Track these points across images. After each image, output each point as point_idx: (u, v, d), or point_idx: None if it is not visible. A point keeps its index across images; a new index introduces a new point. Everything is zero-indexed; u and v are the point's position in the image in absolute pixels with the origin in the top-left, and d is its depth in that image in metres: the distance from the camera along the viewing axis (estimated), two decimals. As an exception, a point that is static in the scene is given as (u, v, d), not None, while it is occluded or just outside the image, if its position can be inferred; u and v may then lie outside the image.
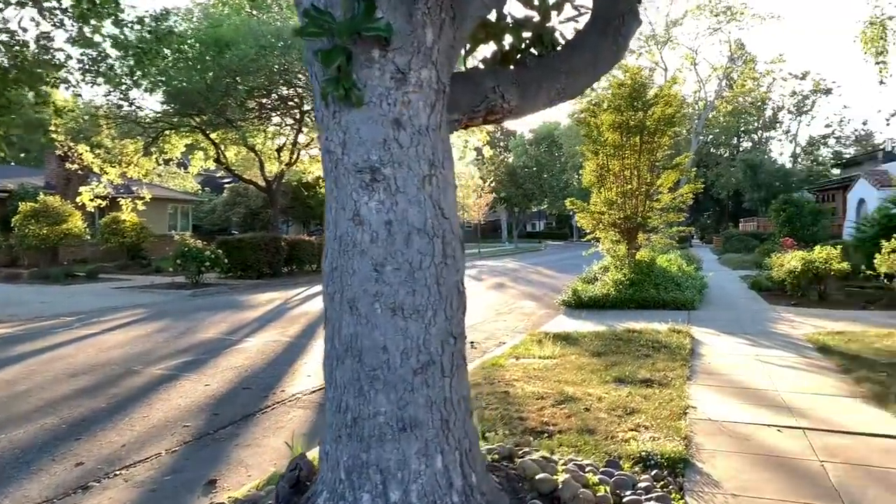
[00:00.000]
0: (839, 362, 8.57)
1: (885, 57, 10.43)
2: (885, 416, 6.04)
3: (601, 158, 17.26)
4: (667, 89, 17.12)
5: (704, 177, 64.32)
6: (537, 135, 74.17)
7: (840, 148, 72.15)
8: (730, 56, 56.57)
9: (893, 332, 10.65)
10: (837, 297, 16.21)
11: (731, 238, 40.95)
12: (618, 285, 15.77)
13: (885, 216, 19.40)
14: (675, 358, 8.77)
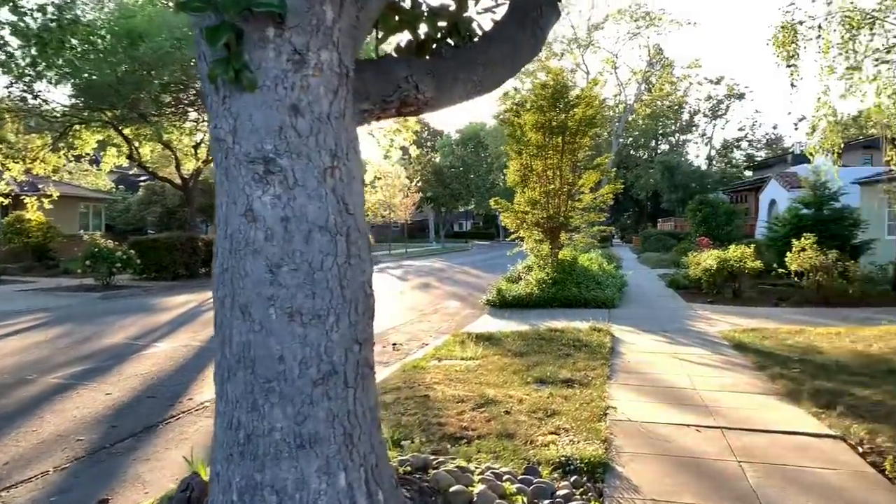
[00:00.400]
0: (754, 359, 8.72)
1: (796, 60, 10.74)
2: (798, 413, 6.11)
3: (524, 158, 17.27)
4: (588, 91, 17.28)
5: (624, 178, 65.86)
6: (464, 135, 74.40)
7: (752, 151, 75.24)
8: (649, 61, 58.10)
9: (804, 329, 10.97)
10: (751, 294, 16.72)
11: (649, 237, 42.04)
12: (541, 284, 15.80)
13: (795, 216, 20.17)
14: (596, 357, 8.74)
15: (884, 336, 9.88)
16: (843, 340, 9.73)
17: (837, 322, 12.06)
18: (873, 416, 5.83)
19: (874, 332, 10.18)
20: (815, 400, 6.44)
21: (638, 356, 9.14)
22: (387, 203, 48.48)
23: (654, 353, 9.45)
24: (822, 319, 12.46)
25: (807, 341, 9.85)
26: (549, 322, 12.49)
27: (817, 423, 5.75)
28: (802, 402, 6.42)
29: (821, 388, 6.86)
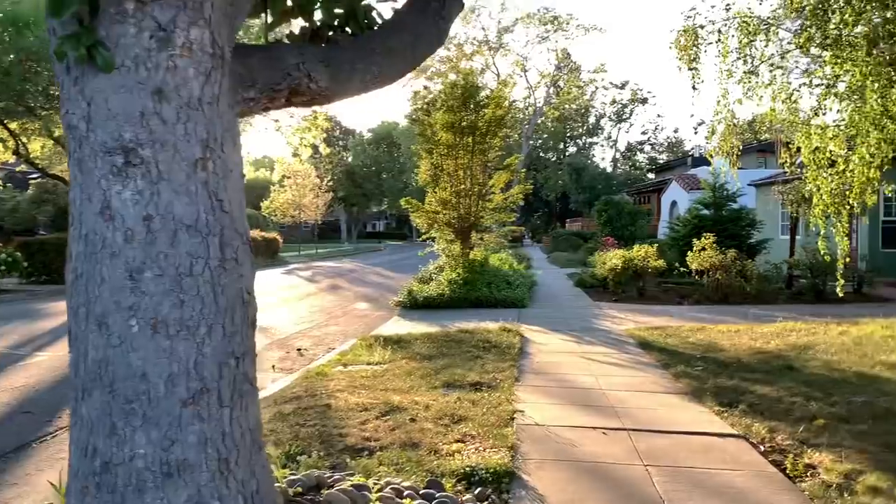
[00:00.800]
0: (658, 357, 8.83)
1: (697, 64, 10.98)
2: (702, 412, 6.14)
3: (435, 158, 17.12)
4: (497, 92, 17.29)
5: (535, 179, 67.07)
6: (376, 134, 73.87)
7: (655, 154, 78.15)
8: (557, 65, 59.25)
9: (705, 327, 11.25)
10: (655, 292, 17.14)
11: (558, 238, 42.83)
12: (452, 285, 15.67)
13: (695, 216, 20.87)
14: (505, 358, 8.63)
15: (780, 333, 10.23)
16: (741, 338, 10.01)
17: (736, 319, 12.44)
18: (773, 414, 5.92)
19: (771, 329, 10.54)
20: (717, 398, 6.51)
21: (546, 356, 9.10)
22: (296, 203, 47.36)
23: (562, 352, 9.44)
24: (722, 317, 12.85)
25: (708, 339, 10.08)
26: (459, 323, 12.35)
27: (721, 422, 5.79)
28: (706, 401, 6.47)
29: (723, 386, 6.96)
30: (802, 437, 5.21)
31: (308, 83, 3.78)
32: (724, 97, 11.39)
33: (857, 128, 9.45)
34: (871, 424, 5.47)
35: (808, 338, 9.64)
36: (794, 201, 16.41)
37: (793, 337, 9.82)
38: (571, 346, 9.99)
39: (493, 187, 17.58)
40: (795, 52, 10.64)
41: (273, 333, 12.53)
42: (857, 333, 9.61)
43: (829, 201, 10.50)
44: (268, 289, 21.52)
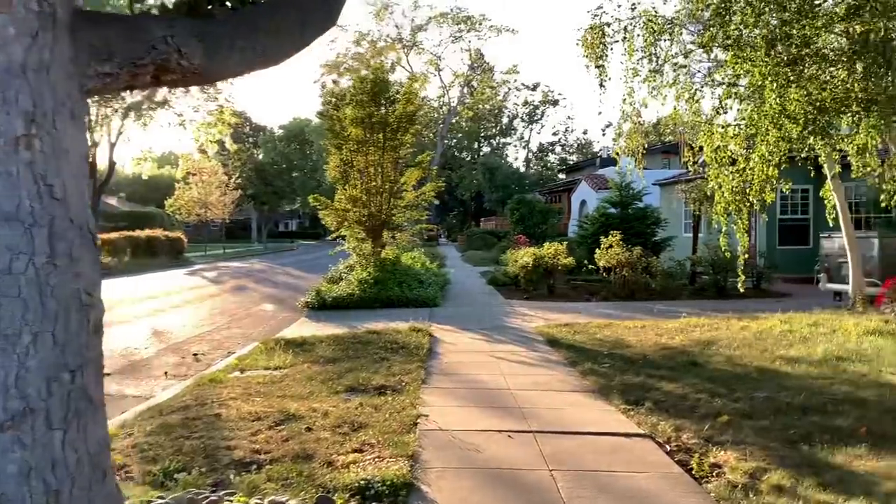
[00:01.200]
0: (567, 355, 8.74)
1: (604, 62, 11.03)
2: (609, 411, 6.03)
3: (345, 154, 16.66)
4: (408, 87, 17.00)
5: (450, 179, 67.24)
6: (288, 131, 72.14)
7: (565, 154, 79.69)
8: (470, 65, 59.47)
9: (612, 323, 11.31)
10: (564, 290, 17.27)
11: (473, 236, 42.99)
12: (362, 284, 15.27)
13: (602, 215, 21.21)
14: (413, 359, 8.34)
15: (684, 328, 10.37)
16: (647, 333, 10.08)
17: (642, 315, 12.60)
18: (678, 411, 5.87)
19: (675, 325, 10.68)
20: (624, 396, 6.42)
21: (456, 356, 8.87)
22: (202, 201, 45.60)
23: (471, 352, 9.23)
24: (629, 313, 12.99)
25: (615, 335, 10.10)
26: (369, 323, 12.00)
27: (627, 421, 5.68)
28: (612, 399, 6.38)
29: (629, 384, 6.90)
30: (707, 435, 5.15)
31: (178, 59, 3.36)
32: (629, 95, 11.51)
33: (756, 127, 9.67)
34: (773, 419, 5.47)
35: (711, 333, 9.79)
36: (696, 199, 16.87)
37: (696, 332, 9.96)
38: (481, 345, 9.81)
39: (405, 184, 17.29)
40: (698, 51, 10.83)
41: (168, 338, 11.81)
42: (757, 328, 9.84)
43: (731, 199, 10.74)
44: (167, 290, 20.50)
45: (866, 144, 9.16)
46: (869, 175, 9.87)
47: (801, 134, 9.21)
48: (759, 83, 9.78)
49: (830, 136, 9.21)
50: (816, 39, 9.79)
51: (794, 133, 9.15)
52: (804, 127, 9.00)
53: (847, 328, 9.24)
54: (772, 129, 9.27)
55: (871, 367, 7.05)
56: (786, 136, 9.20)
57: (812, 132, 9.09)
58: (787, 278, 17.90)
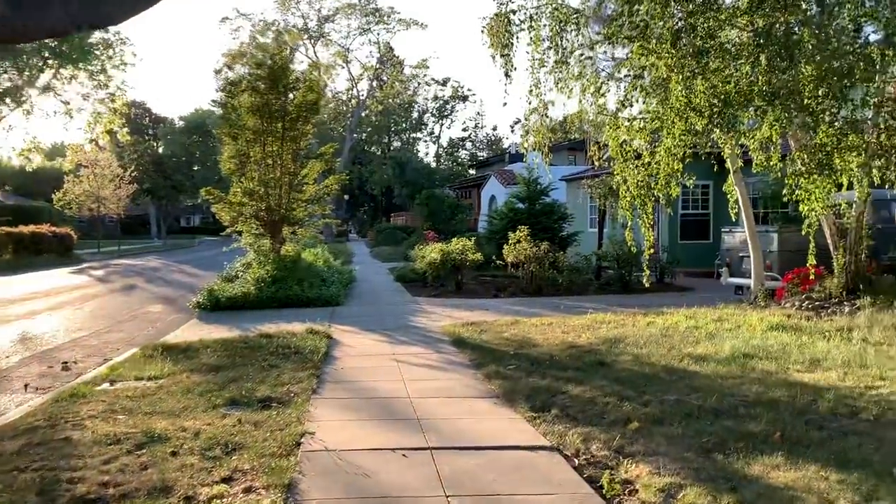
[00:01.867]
0: (472, 356, 8.29)
1: (510, 50, 10.64)
2: (514, 420, 5.58)
3: (241, 144, 15.67)
4: (309, 74, 16.17)
5: (360, 173, 66.17)
6: (189, 123, 69.06)
7: (475, 150, 79.91)
8: (379, 58, 58.63)
9: (519, 320, 10.96)
10: (473, 286, 16.90)
11: (382, 232, 42.27)
12: (259, 283, 14.39)
13: (510, 210, 21.02)
14: (306, 366, 7.67)
15: (591, 325, 10.12)
16: (554, 331, 9.76)
17: (549, 311, 12.34)
18: (587, 418, 5.48)
19: (582, 322, 10.42)
20: (530, 401, 6.00)
21: (354, 361, 8.26)
22: (94, 195, 42.85)
23: (372, 355, 8.64)
24: (536, 309, 12.72)
25: (522, 333, 9.74)
26: (264, 325, 11.24)
27: (532, 430, 5.24)
28: (518, 405, 5.94)
29: (536, 387, 6.48)
30: (618, 446, 4.76)
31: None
32: (535, 87, 11.16)
33: (662, 120, 9.50)
34: (685, 425, 5.16)
35: (618, 330, 9.57)
36: (602, 194, 16.84)
37: (603, 329, 9.72)
38: (383, 347, 9.23)
39: (307, 177, 16.47)
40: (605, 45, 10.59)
41: (38, 344, 10.65)
42: (664, 324, 9.68)
43: (636, 193, 10.57)
44: (47, 291, 18.88)
45: (770, 138, 9.14)
46: (771, 169, 9.91)
47: (705, 127, 9.10)
48: (664, 76, 9.63)
49: (735, 130, 9.14)
50: (721, 32, 9.71)
51: (700, 126, 9.02)
52: (709, 120, 8.87)
53: (751, 323, 9.20)
54: (678, 122, 9.11)
55: (778, 365, 6.91)
56: (691, 128, 9.06)
57: (717, 125, 8.98)
58: (688, 272, 18.18)
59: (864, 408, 5.38)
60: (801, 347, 7.62)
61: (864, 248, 10.35)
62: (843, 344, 7.72)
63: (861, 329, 8.39)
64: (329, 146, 17.15)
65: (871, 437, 4.75)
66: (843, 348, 7.45)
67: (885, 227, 11.48)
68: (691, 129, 9.06)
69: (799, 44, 8.62)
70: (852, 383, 6.13)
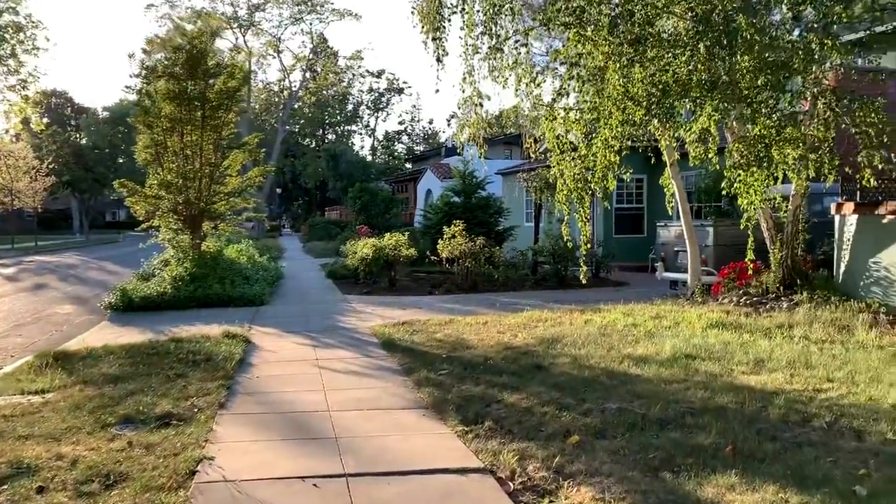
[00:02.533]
0: (402, 360, 7.71)
1: (442, 34, 10.08)
2: (443, 435, 5.04)
3: (157, 133, 14.66)
4: (231, 60, 15.25)
5: (293, 166, 64.63)
6: (113, 113, 65.96)
7: (412, 144, 79.22)
8: (313, 48, 57.27)
9: (453, 319, 10.44)
10: (407, 282, 16.32)
11: (315, 226, 41.15)
12: (177, 282, 13.46)
13: (446, 204, 20.49)
14: (217, 375, 6.96)
15: (527, 323, 9.67)
16: (490, 331, 9.28)
17: (485, 309, 11.89)
18: (523, 431, 4.98)
19: (518, 320, 9.96)
20: (461, 412, 5.47)
21: (272, 369, 7.57)
22: (7, 188, 40.39)
23: (293, 361, 7.97)
24: (472, 307, 12.24)
25: (456, 333, 9.21)
26: (180, 328, 10.45)
27: (463, 448, 4.71)
28: (448, 418, 5.40)
29: (468, 395, 5.96)
30: (558, 465, 4.27)
31: None
32: (469, 74, 10.66)
33: (599, 110, 9.10)
34: (629, 438, 4.71)
35: (555, 329, 9.14)
36: (537, 188, 16.47)
37: (540, 328, 9.28)
38: (306, 351, 8.55)
39: (229, 169, 15.57)
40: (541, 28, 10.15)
41: (-83, 353, 9.56)
42: (601, 322, 9.31)
43: (573, 186, 10.18)
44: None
45: (708, 129, 8.84)
46: (709, 162, 9.65)
47: (643, 118, 8.73)
48: (601, 64, 9.23)
49: (674, 120, 8.81)
50: (658, 20, 9.39)
51: (638, 116, 8.64)
52: (647, 110, 8.51)
53: (690, 320, 8.90)
54: (615, 112, 8.71)
55: (722, 367, 6.57)
56: (629, 119, 8.68)
57: (656, 115, 8.63)
58: (623, 266, 18.03)
59: (815, 414, 5.05)
60: (744, 346, 7.33)
61: (800, 242, 10.22)
62: (785, 342, 7.47)
63: (801, 326, 8.18)
64: (253, 136, 16.26)
65: (827, 448, 4.40)
66: (787, 347, 7.19)
67: (819, 220, 11.45)
68: (629, 120, 8.68)
69: (737, 32, 8.33)
70: (800, 386, 5.82)
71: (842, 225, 10.15)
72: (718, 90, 8.17)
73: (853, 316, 8.46)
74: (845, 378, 5.98)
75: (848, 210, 9.85)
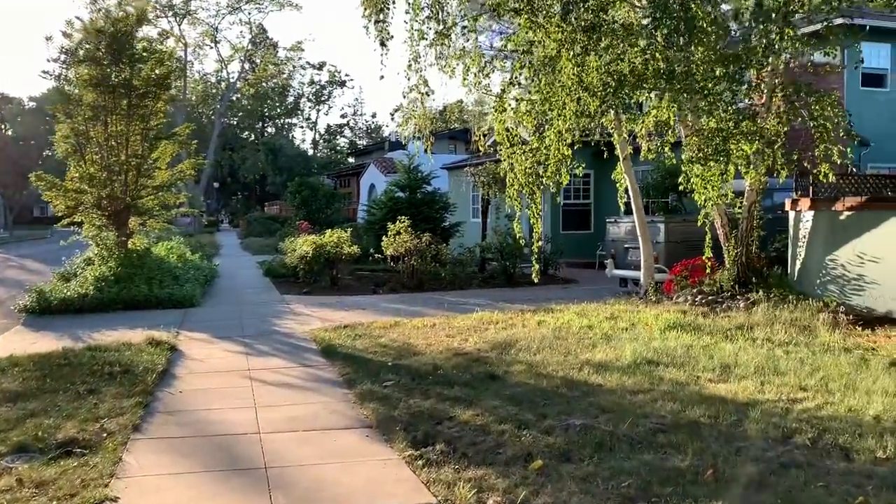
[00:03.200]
0: (343, 369, 7.08)
1: (386, 16, 9.47)
2: (389, 462, 4.45)
3: (78, 122, 13.60)
4: (159, 44, 14.28)
5: (231, 160, 62.74)
6: (40, 103, 62.80)
7: (355, 138, 77.94)
8: (252, 39, 55.68)
9: (399, 322, 9.84)
10: (349, 281, 15.64)
11: (253, 222, 39.81)
12: (100, 282, 12.47)
13: (390, 199, 19.83)
14: (134, 390, 6.20)
15: (478, 326, 9.14)
16: (438, 334, 8.72)
17: (432, 309, 11.35)
18: (480, 455, 4.43)
19: (468, 322, 9.42)
20: (409, 433, 4.89)
21: (198, 381, 6.85)
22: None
23: (222, 372, 7.25)
24: (418, 307, 11.67)
25: (403, 338, 8.62)
26: (100, 333, 9.62)
27: (413, 479, 4.13)
28: (395, 439, 4.81)
29: (417, 412, 5.38)
30: (521, 498, 3.74)
31: None
32: (416, 61, 10.07)
33: (551, 101, 8.63)
34: (598, 461, 4.22)
35: (507, 331, 8.64)
36: (485, 183, 15.97)
37: (491, 331, 8.77)
38: (238, 360, 7.83)
39: (158, 161, 14.60)
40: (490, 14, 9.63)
41: None
42: (555, 324, 8.84)
43: (524, 181, 9.72)
44: None
45: (667, 121, 8.48)
46: (665, 156, 9.31)
47: (598, 109, 8.30)
48: (554, 53, 8.77)
49: (630, 111, 8.41)
50: (612, 7, 8.98)
51: (593, 107, 8.21)
52: (602, 101, 8.08)
53: (647, 322, 8.52)
54: (569, 103, 8.25)
55: (687, 374, 6.16)
56: (584, 110, 8.23)
57: (612, 106, 8.21)
58: (570, 263, 17.69)
59: (796, 429, 4.65)
60: (707, 350, 6.95)
61: (755, 239, 9.98)
62: (748, 346, 7.13)
63: (762, 327, 7.88)
64: (184, 126, 15.31)
65: (816, 470, 3.99)
66: (751, 351, 6.84)
67: (771, 216, 11.27)
68: (584, 111, 8.24)
69: (695, 20, 7.98)
70: (773, 396, 5.43)
71: (797, 221, 9.95)
72: (676, 80, 7.78)
73: (813, 316, 8.22)
74: (819, 386, 5.63)
75: (804, 206, 9.64)
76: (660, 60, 8.04)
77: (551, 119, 8.86)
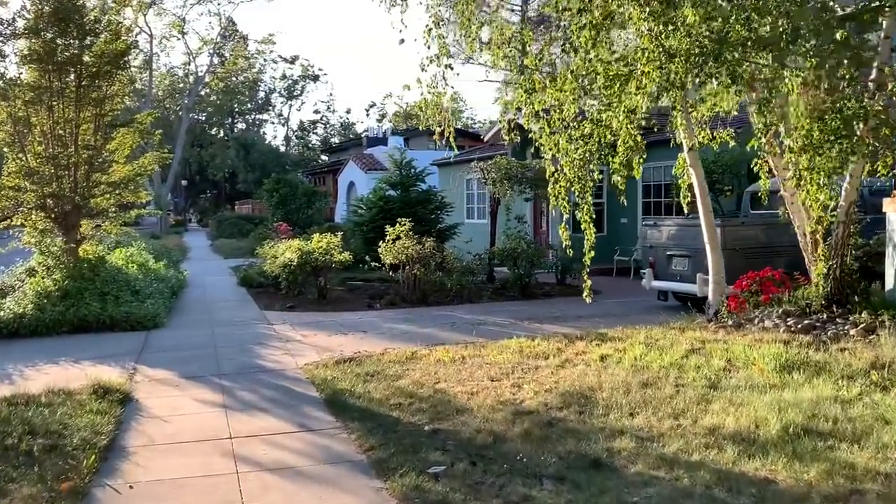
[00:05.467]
0: (363, 438, 5.04)
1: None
2: None
3: (17, 107, 11.33)
4: (113, 14, 12.04)
5: (200, 157, 59.91)
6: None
7: (328, 135, 75.38)
8: (221, 32, 53.06)
9: (415, 352, 7.79)
10: (340, 293, 13.59)
11: (224, 222, 37.29)
12: (42, 298, 10.28)
13: (381, 198, 17.74)
14: (60, 485, 4.11)
15: (522, 363, 7.11)
16: (476, 375, 6.69)
17: (446, 331, 9.43)
18: None
19: (507, 356, 7.39)
20: None
21: (158, 462, 4.76)
22: None
23: (192, 443, 5.17)
24: (429, 328, 9.70)
25: (429, 380, 6.59)
26: (34, 369, 7.67)
27: None
28: None
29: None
30: None
31: None
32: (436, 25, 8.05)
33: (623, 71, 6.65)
34: None
35: (569, 373, 6.62)
36: (496, 180, 13.94)
37: (545, 371, 6.74)
38: (215, 420, 5.74)
39: (115, 154, 12.39)
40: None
41: None
42: (625, 360, 6.84)
43: (572, 175, 7.75)
44: None
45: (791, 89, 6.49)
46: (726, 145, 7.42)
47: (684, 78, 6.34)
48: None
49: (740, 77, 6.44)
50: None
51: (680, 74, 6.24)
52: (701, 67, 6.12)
53: (748, 357, 6.55)
54: (653, 71, 6.28)
55: (873, 453, 4.21)
56: (672, 80, 6.27)
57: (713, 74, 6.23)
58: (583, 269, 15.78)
59: None
60: (870, 408, 5.01)
61: (851, 247, 8.13)
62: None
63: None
64: (146, 113, 13.09)
65: None
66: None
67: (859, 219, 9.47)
68: (673, 81, 6.26)
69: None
70: None
71: (903, 225, 8.11)
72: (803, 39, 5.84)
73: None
74: None
75: (913, 206, 7.81)
76: (766, 24, 6.11)
77: (615, 94, 6.90)
